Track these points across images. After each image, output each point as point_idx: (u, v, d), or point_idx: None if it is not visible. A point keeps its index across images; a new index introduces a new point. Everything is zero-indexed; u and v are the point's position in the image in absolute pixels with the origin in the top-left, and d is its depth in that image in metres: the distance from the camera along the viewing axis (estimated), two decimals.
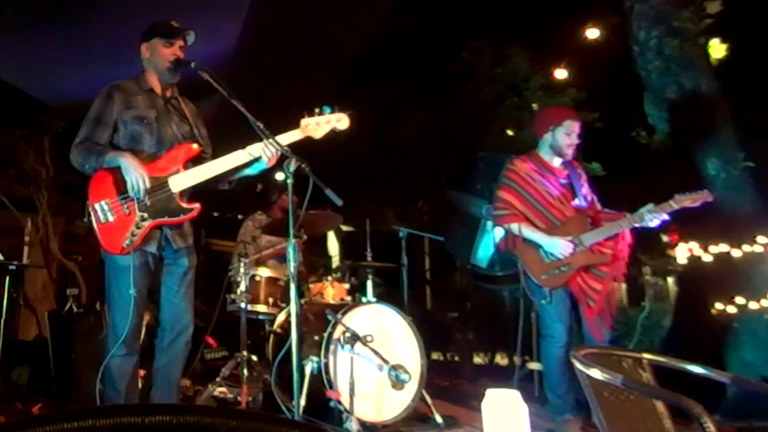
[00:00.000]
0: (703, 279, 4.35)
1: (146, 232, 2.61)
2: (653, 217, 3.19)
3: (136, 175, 2.56)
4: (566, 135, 3.39)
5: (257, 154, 2.72)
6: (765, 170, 4.43)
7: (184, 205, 2.70)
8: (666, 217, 3.23)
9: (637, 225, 3.25)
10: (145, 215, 2.60)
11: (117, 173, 2.60)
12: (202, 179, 2.70)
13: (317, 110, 2.76)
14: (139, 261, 2.63)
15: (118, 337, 2.58)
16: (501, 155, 5.86)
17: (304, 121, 2.76)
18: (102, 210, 2.60)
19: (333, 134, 2.82)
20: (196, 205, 2.71)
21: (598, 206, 3.48)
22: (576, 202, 3.38)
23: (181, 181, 2.67)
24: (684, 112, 4.62)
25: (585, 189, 3.46)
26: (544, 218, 3.37)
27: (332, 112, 2.77)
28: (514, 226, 3.35)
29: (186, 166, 2.71)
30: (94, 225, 2.59)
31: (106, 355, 2.61)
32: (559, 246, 3.25)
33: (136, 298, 2.58)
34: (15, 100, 5.04)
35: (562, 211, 3.37)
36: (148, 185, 2.59)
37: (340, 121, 2.78)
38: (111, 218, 2.59)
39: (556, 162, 3.46)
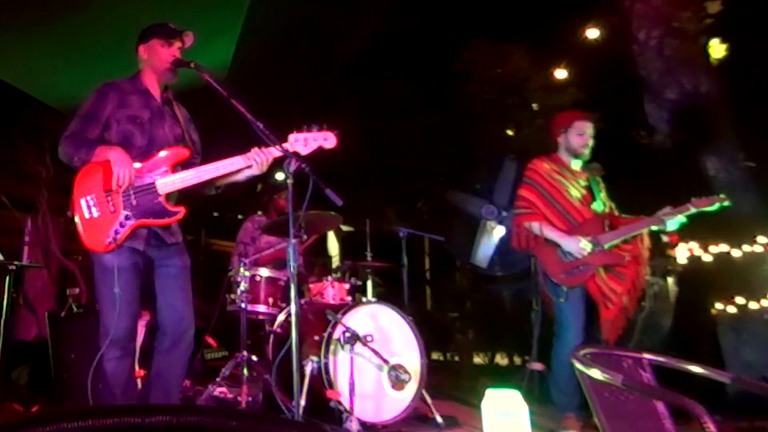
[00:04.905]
0: (703, 279, 4.35)
1: (129, 231, 2.58)
2: (671, 220, 3.25)
3: (123, 168, 2.54)
4: (578, 135, 3.47)
5: (248, 163, 2.70)
6: (765, 170, 4.43)
7: (170, 207, 2.67)
8: (683, 219, 3.29)
9: (654, 228, 3.30)
10: (130, 214, 2.58)
11: (105, 168, 2.58)
12: (189, 184, 2.69)
13: (305, 127, 2.75)
14: (128, 261, 2.60)
15: (109, 338, 2.55)
16: (501, 155, 5.88)
17: (293, 137, 2.75)
18: (86, 205, 2.57)
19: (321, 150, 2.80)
20: (181, 209, 2.69)
21: (616, 212, 3.53)
22: (594, 205, 3.43)
23: (169, 183, 2.66)
24: (684, 112, 4.62)
25: (603, 194, 3.51)
26: (562, 218, 3.43)
27: (320, 129, 2.75)
28: (535, 225, 3.40)
29: (175, 170, 2.70)
30: (77, 220, 2.57)
31: (99, 356, 2.59)
32: (576, 245, 3.29)
33: (125, 298, 2.55)
34: (15, 100, 5.04)
35: (580, 213, 3.43)
36: (134, 180, 2.57)
37: (328, 140, 2.77)
38: (95, 214, 2.57)
39: (575, 165, 3.52)
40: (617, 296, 3.28)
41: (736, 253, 4.19)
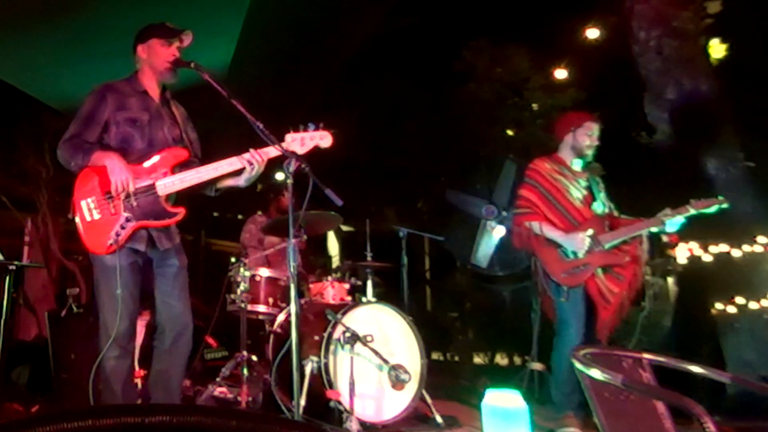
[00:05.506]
0: (703, 279, 4.35)
1: (130, 232, 2.60)
2: (670, 221, 3.26)
3: (121, 177, 2.55)
4: (587, 136, 3.47)
5: (243, 163, 2.70)
6: (765, 170, 4.43)
7: (169, 209, 2.69)
8: (683, 220, 3.30)
9: (654, 229, 3.32)
10: (130, 216, 2.59)
11: (103, 172, 2.59)
12: (189, 184, 2.69)
13: (302, 126, 2.75)
14: (128, 261, 2.61)
15: (109, 338, 2.56)
16: (501, 155, 5.89)
17: (289, 136, 2.75)
18: (87, 208, 2.58)
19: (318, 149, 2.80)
20: (181, 210, 2.70)
21: (615, 213, 3.54)
22: (595, 206, 3.44)
23: (168, 185, 2.66)
24: (684, 112, 4.62)
25: (603, 194, 3.51)
26: (563, 218, 3.43)
27: (316, 129, 2.76)
28: (536, 225, 3.41)
29: (174, 170, 2.70)
30: (79, 222, 2.59)
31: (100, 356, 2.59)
32: (577, 242, 3.29)
33: (125, 298, 2.56)
34: (15, 100, 5.04)
35: (581, 213, 3.44)
36: (132, 188, 2.58)
37: (324, 139, 2.77)
38: (96, 216, 2.58)
39: (576, 165, 3.53)
40: (614, 297, 3.31)
41: (736, 253, 4.19)
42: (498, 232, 5.46)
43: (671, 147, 4.74)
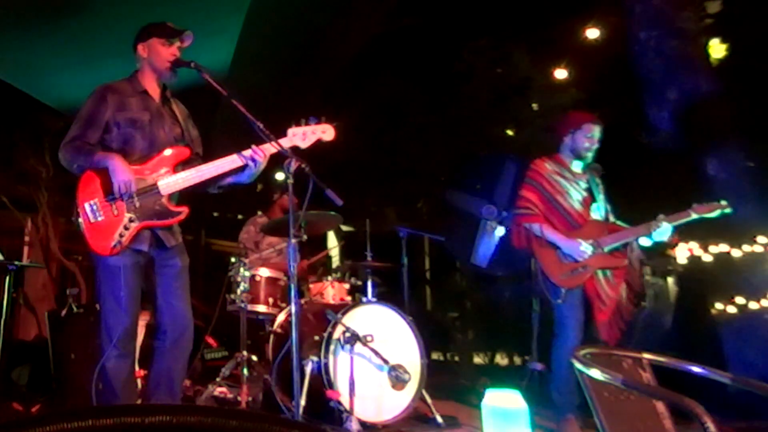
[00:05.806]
0: (703, 279, 4.35)
1: (134, 233, 2.60)
2: (657, 232, 3.27)
3: (123, 178, 2.55)
4: (586, 138, 3.46)
5: (244, 160, 2.70)
6: (765, 170, 4.43)
7: (172, 208, 2.69)
8: (671, 229, 3.33)
9: (652, 232, 3.31)
10: (133, 216, 2.60)
11: (105, 174, 2.59)
12: (191, 183, 2.69)
13: (304, 120, 2.76)
14: (130, 261, 2.62)
15: (111, 338, 2.56)
16: (501, 155, 5.88)
17: (291, 131, 2.76)
18: (91, 210, 2.59)
19: (321, 143, 2.80)
20: (184, 209, 2.71)
21: (612, 217, 3.53)
22: (594, 208, 3.44)
23: (171, 184, 2.67)
24: (684, 112, 4.62)
25: (602, 196, 3.51)
26: (563, 220, 3.43)
27: (318, 122, 2.76)
28: (536, 227, 3.40)
29: (176, 170, 2.70)
30: (82, 225, 2.59)
31: (102, 356, 2.60)
32: (577, 249, 3.30)
33: (128, 298, 2.57)
34: (15, 100, 5.04)
35: (581, 214, 3.44)
36: (134, 188, 2.58)
37: (326, 132, 2.78)
38: (99, 218, 2.58)
39: (576, 166, 3.52)
40: (610, 300, 3.31)
41: (736, 253, 4.19)
42: (498, 232, 5.45)
43: (671, 147, 4.74)
